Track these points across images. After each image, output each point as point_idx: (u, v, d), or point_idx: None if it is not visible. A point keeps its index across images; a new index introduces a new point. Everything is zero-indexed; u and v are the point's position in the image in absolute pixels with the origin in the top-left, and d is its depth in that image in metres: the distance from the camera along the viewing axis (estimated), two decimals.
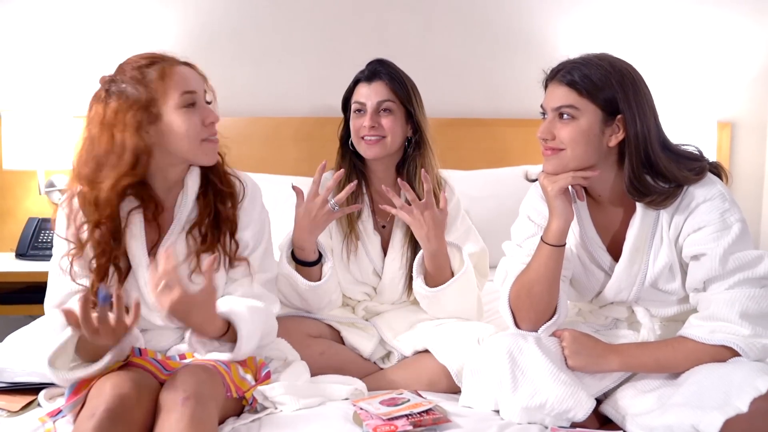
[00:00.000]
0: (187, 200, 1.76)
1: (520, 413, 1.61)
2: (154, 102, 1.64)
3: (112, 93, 1.65)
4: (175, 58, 1.71)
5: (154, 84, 1.64)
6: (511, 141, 3.23)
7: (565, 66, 1.71)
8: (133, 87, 1.64)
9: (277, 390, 1.67)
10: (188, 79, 1.69)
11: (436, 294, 2.00)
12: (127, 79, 1.65)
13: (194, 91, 1.69)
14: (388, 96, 2.07)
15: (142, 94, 1.63)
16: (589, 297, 1.86)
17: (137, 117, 1.62)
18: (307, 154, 3.13)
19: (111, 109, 1.63)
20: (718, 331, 1.63)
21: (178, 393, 1.50)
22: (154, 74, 1.65)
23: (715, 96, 3.30)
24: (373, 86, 2.08)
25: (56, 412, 1.60)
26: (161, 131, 1.66)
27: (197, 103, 1.69)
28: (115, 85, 1.65)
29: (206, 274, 1.55)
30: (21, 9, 3.06)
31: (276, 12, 3.18)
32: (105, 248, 1.67)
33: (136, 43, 3.05)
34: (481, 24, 3.24)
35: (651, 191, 1.68)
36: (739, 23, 3.29)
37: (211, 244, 1.74)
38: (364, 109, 2.08)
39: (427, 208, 1.94)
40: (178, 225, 1.74)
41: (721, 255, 1.64)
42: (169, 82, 1.65)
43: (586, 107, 1.67)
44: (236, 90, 3.07)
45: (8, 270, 2.78)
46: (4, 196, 3.11)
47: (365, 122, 2.06)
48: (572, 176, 1.70)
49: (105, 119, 1.63)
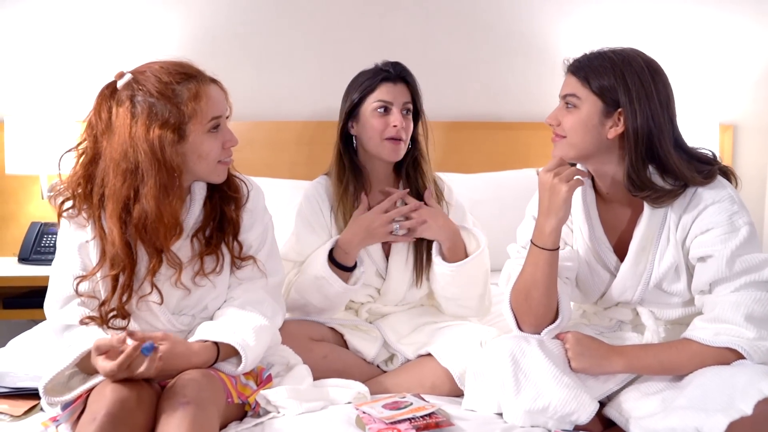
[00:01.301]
0: (195, 207, 1.75)
1: (523, 416, 1.61)
2: (184, 123, 1.62)
3: (137, 103, 1.61)
4: (204, 74, 1.68)
5: (185, 105, 1.61)
6: (512, 144, 3.23)
7: (581, 56, 1.73)
8: (163, 104, 1.60)
9: (280, 394, 1.67)
10: (218, 103, 1.67)
11: (459, 269, 2.01)
12: (154, 94, 1.60)
13: (221, 115, 1.68)
14: (408, 98, 2.07)
15: (172, 114, 1.60)
16: (594, 298, 1.86)
17: (165, 136, 1.59)
18: (308, 157, 3.13)
19: (141, 123, 1.59)
20: (722, 334, 1.62)
21: (178, 398, 1.50)
22: (186, 94, 1.61)
23: (718, 98, 3.30)
24: (399, 87, 2.06)
25: (59, 416, 1.60)
26: (184, 152, 1.64)
27: (221, 125, 1.69)
28: (141, 96, 1.61)
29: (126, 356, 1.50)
30: (23, 13, 3.07)
31: (278, 16, 3.19)
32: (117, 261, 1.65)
33: (138, 47, 3.06)
34: (483, 28, 3.25)
35: (648, 186, 1.68)
36: (741, 25, 3.28)
37: (215, 246, 1.74)
38: (391, 108, 2.05)
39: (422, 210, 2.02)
40: (185, 231, 1.74)
41: (728, 257, 1.63)
42: (201, 106, 1.63)
43: (586, 97, 1.69)
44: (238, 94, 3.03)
45: (11, 275, 2.79)
46: (7, 200, 3.11)
47: (394, 122, 2.03)
48: (581, 181, 1.72)
49: (133, 132, 1.59)
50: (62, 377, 1.60)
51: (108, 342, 1.52)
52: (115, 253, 1.63)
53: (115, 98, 1.63)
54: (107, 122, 1.63)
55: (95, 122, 1.65)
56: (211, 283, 1.74)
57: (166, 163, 1.59)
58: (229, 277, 1.78)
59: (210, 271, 1.73)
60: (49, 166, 2.91)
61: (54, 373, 1.57)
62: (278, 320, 1.81)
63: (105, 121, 1.63)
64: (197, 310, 1.77)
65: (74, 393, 1.57)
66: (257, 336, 1.69)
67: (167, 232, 1.63)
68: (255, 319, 1.72)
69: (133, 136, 1.59)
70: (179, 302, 1.75)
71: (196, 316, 1.78)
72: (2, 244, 3.12)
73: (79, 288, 1.67)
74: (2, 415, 1.66)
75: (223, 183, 1.77)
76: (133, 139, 1.59)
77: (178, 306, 1.75)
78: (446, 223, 2.05)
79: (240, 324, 1.70)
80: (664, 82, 1.70)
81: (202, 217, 1.75)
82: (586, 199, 1.81)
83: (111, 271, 1.65)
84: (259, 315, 1.74)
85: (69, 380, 1.61)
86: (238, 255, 1.76)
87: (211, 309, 1.78)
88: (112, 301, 1.66)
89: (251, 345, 1.66)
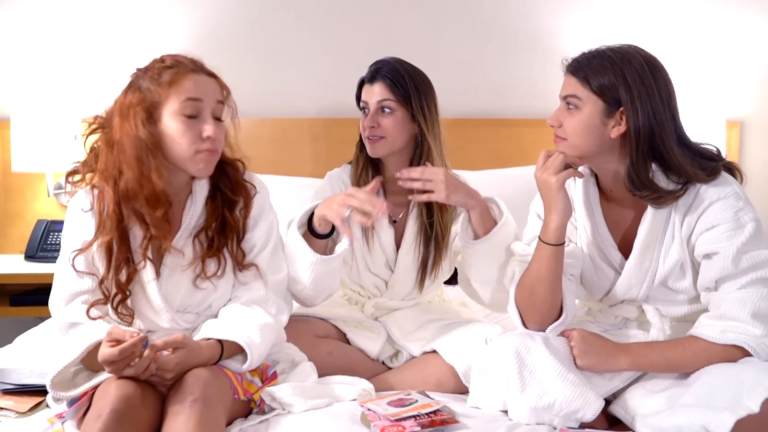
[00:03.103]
0: (196, 206, 1.76)
1: (529, 414, 1.60)
2: (158, 104, 1.66)
3: (134, 82, 1.69)
4: (199, 65, 1.72)
5: (162, 86, 1.65)
6: (518, 141, 3.22)
7: (579, 56, 1.72)
8: (149, 84, 1.66)
9: (285, 391, 1.67)
10: (197, 88, 1.68)
11: (494, 237, 1.93)
12: (148, 75, 1.68)
13: (199, 100, 1.67)
14: (387, 96, 2.08)
15: (153, 94, 1.66)
16: (599, 295, 1.85)
17: (140, 114, 1.65)
18: (314, 155, 3.14)
19: (127, 101, 1.67)
20: (729, 331, 1.62)
21: (185, 395, 1.50)
22: (167, 77, 1.66)
23: (724, 94, 3.28)
24: (374, 86, 2.09)
25: (65, 413, 1.61)
26: (159, 133, 1.66)
27: (201, 114, 1.68)
28: (141, 78, 1.68)
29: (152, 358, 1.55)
30: (29, 11, 3.08)
31: (284, 13, 3.19)
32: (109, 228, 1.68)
33: (144, 45, 3.07)
34: (488, 24, 3.24)
35: (647, 186, 1.67)
36: (748, 21, 3.27)
37: (217, 249, 1.74)
38: (367, 108, 2.10)
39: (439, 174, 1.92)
40: (186, 230, 1.74)
41: (734, 254, 1.63)
42: (176, 88, 1.66)
43: (587, 97, 1.67)
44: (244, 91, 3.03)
45: (18, 272, 2.80)
46: (13, 198, 3.12)
47: (366, 122, 2.09)
48: (571, 171, 1.71)
49: (120, 109, 1.67)
50: (68, 373, 1.60)
51: (122, 332, 1.53)
52: (107, 219, 1.67)
53: (127, 86, 1.71)
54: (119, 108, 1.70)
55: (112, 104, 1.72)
56: (212, 286, 1.75)
57: (139, 137, 1.64)
58: (232, 278, 1.78)
59: (212, 274, 1.73)
60: (55, 164, 2.92)
61: (62, 366, 1.58)
62: (283, 318, 1.81)
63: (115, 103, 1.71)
64: (201, 308, 1.77)
65: (80, 389, 1.58)
66: (262, 333, 1.69)
67: (149, 203, 1.66)
68: (260, 316, 1.73)
69: (122, 111, 1.67)
70: (183, 300, 1.75)
71: (200, 314, 1.78)
72: (9, 242, 3.13)
73: (76, 263, 1.68)
74: (8, 412, 1.67)
75: (227, 185, 1.77)
76: (121, 113, 1.66)
77: (182, 304, 1.75)
78: (464, 186, 1.96)
79: (245, 322, 1.70)
80: (665, 78, 1.69)
81: (204, 217, 1.76)
82: (589, 196, 1.80)
83: (104, 238, 1.67)
84: (264, 312, 1.74)
85: (74, 377, 1.61)
86: (240, 261, 1.76)
87: (215, 307, 1.78)
88: (109, 279, 1.67)
89: (256, 342, 1.67)
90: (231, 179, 1.79)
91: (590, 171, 1.80)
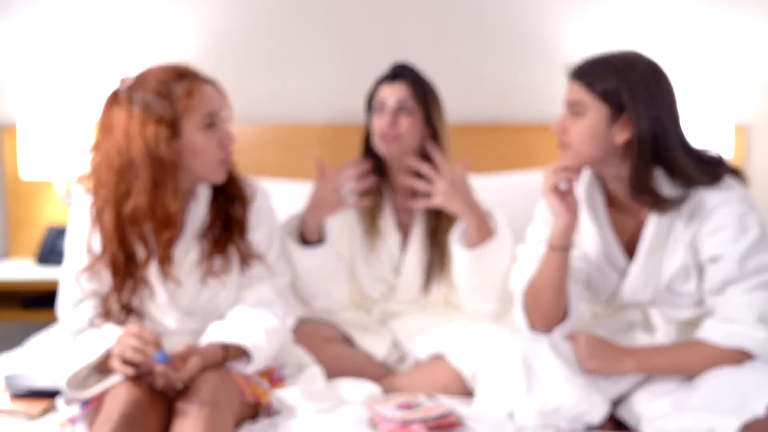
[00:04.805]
0: (199, 208, 1.77)
1: (535, 417, 1.61)
2: (178, 119, 1.65)
3: (135, 102, 1.64)
4: (199, 74, 1.72)
5: (179, 101, 1.64)
6: (524, 146, 3.22)
7: (583, 62, 1.72)
8: (158, 101, 1.63)
9: (293, 394, 1.68)
10: (212, 99, 1.69)
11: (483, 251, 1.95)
12: (151, 91, 1.64)
13: (216, 112, 1.70)
14: (409, 95, 2.08)
15: (167, 110, 1.63)
16: (603, 298, 1.86)
17: (160, 132, 1.62)
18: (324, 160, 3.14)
19: (136, 120, 1.62)
20: (734, 334, 1.62)
21: (194, 399, 1.52)
22: (180, 91, 1.65)
23: (731, 99, 3.28)
24: (395, 86, 2.09)
25: (76, 417, 1.62)
26: (179, 149, 1.66)
27: (217, 123, 1.70)
28: (139, 95, 1.64)
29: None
30: (35, 17, 3.10)
31: (291, 19, 3.20)
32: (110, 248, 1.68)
33: (152, 50, 3.08)
34: (494, 29, 3.24)
35: (648, 191, 1.67)
36: (754, 25, 3.27)
37: (223, 246, 1.75)
38: (385, 107, 2.08)
39: (445, 177, 1.95)
40: (189, 232, 1.76)
41: (739, 257, 1.63)
42: (195, 101, 1.65)
43: (591, 103, 1.68)
44: (252, 97, 3.08)
45: (29, 276, 2.82)
46: (23, 203, 3.14)
47: (385, 120, 2.06)
48: (556, 174, 1.70)
49: (129, 129, 1.63)
50: (80, 376, 1.62)
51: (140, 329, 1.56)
52: (108, 241, 1.66)
53: (116, 100, 1.67)
54: (108, 123, 1.66)
55: (99, 124, 1.69)
56: (221, 284, 1.76)
57: (160, 158, 1.62)
58: (239, 277, 1.79)
59: (219, 271, 1.75)
60: (63, 170, 2.94)
61: (80, 367, 1.59)
62: (289, 321, 1.82)
63: (106, 122, 1.67)
64: (208, 310, 1.78)
65: (92, 392, 1.59)
66: (268, 336, 1.70)
67: (159, 227, 1.65)
68: (266, 319, 1.74)
69: (129, 132, 1.62)
70: (190, 302, 1.76)
71: (207, 316, 1.78)
72: (20, 247, 3.15)
73: (82, 283, 1.70)
74: (19, 415, 1.69)
75: (227, 184, 1.78)
76: (128, 135, 1.62)
77: (189, 306, 1.77)
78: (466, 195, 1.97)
79: (251, 324, 1.71)
80: (667, 84, 1.70)
81: (209, 218, 1.77)
82: (594, 199, 1.80)
83: (108, 260, 1.67)
84: (270, 315, 1.75)
85: (85, 379, 1.62)
86: (247, 254, 1.77)
87: (222, 309, 1.79)
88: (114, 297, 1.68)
89: (262, 345, 1.68)
90: (230, 176, 1.80)
91: (595, 175, 1.81)
